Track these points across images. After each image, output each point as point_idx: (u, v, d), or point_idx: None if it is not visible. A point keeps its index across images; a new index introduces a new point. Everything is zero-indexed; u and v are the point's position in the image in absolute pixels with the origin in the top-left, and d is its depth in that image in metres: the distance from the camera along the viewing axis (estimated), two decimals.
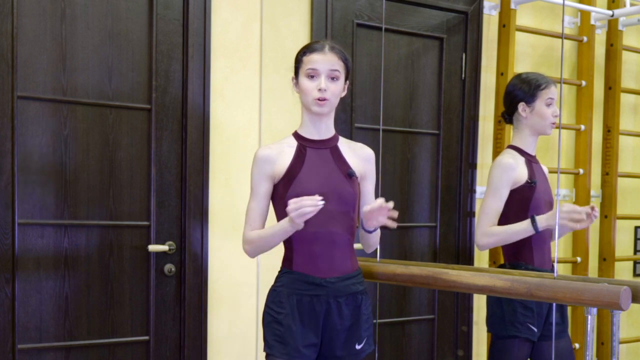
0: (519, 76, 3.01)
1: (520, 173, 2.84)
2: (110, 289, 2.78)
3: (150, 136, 2.83)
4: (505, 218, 2.84)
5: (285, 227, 2.19)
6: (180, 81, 2.88)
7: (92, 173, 2.73)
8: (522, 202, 2.82)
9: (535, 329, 2.78)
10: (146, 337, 2.85)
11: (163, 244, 2.86)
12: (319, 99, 2.26)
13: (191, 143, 2.88)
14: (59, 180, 2.67)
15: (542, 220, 2.72)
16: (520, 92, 2.91)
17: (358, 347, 2.33)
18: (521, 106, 2.90)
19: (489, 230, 2.82)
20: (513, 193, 2.83)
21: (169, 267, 2.87)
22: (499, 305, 2.83)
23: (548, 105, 2.88)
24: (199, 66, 2.88)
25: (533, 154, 2.94)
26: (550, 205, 2.91)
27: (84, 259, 2.73)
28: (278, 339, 2.25)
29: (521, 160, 2.88)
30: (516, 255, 2.86)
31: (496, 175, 2.84)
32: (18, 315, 2.60)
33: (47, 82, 2.64)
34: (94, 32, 2.72)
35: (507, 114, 2.99)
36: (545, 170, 3.01)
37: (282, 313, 2.26)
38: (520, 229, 2.76)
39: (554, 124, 2.90)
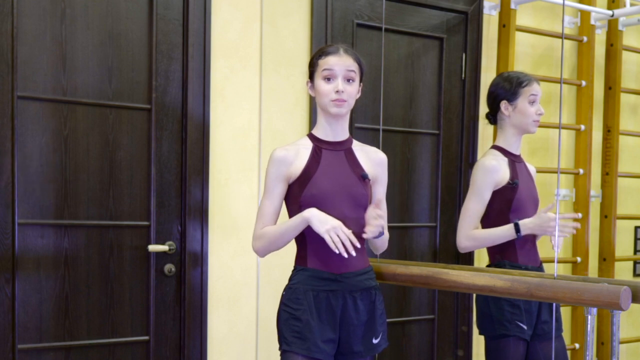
0: (500, 75, 3.03)
1: (503, 174, 2.85)
2: (110, 289, 2.78)
3: (150, 136, 2.83)
4: (488, 219, 2.87)
5: (297, 223, 2.25)
6: (180, 81, 2.88)
7: (92, 173, 2.73)
8: (504, 203, 2.84)
9: (525, 327, 2.79)
10: (146, 337, 2.85)
11: (163, 244, 2.86)
12: (335, 100, 2.29)
13: (191, 143, 2.88)
14: (59, 180, 2.67)
15: (524, 226, 2.75)
16: (502, 91, 2.92)
17: (375, 341, 2.36)
18: (503, 104, 2.91)
19: (471, 234, 2.85)
20: (495, 194, 2.85)
21: (169, 267, 2.87)
22: (486, 306, 2.84)
23: (531, 102, 2.89)
24: (199, 66, 2.88)
25: (517, 153, 2.94)
26: (535, 205, 2.93)
27: (84, 259, 2.73)
28: (297, 335, 2.26)
29: (504, 161, 2.89)
30: (501, 254, 2.88)
31: (479, 178, 2.86)
32: (18, 315, 2.60)
33: (47, 82, 2.64)
34: (94, 32, 2.72)
35: (490, 114, 3.00)
36: (532, 169, 3.01)
37: (300, 309, 2.28)
38: (502, 234, 2.81)
39: (536, 121, 2.91)
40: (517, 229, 2.77)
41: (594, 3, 3.85)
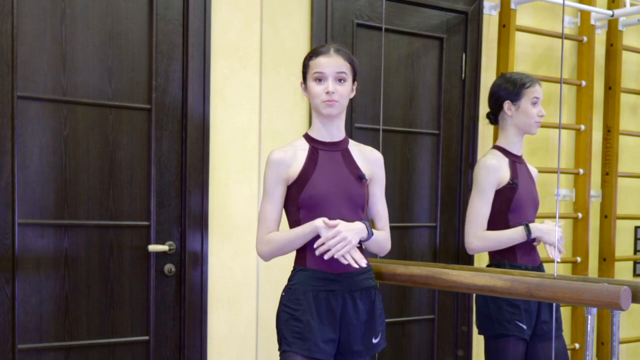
0: (503, 75, 3.04)
1: (503, 174, 2.87)
2: (110, 289, 2.78)
3: (150, 136, 2.83)
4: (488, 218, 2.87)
5: (307, 232, 2.26)
6: (180, 81, 2.88)
7: (92, 173, 2.73)
8: (504, 203, 2.85)
9: (525, 327, 2.79)
10: (146, 337, 2.85)
11: (163, 244, 2.86)
12: (327, 101, 2.29)
13: (191, 143, 2.88)
14: (59, 180, 2.67)
15: (535, 229, 2.76)
16: (505, 91, 2.94)
17: (375, 340, 2.37)
18: (507, 104, 2.92)
19: (482, 235, 2.85)
20: (496, 194, 2.87)
21: (169, 267, 2.87)
22: (485, 305, 2.84)
23: (534, 104, 2.90)
24: (199, 66, 2.88)
25: (519, 154, 2.95)
26: (535, 206, 2.94)
27: (84, 259, 2.73)
28: (297, 335, 2.27)
29: (505, 161, 2.90)
30: (501, 254, 2.89)
31: (482, 177, 2.87)
32: (18, 315, 2.60)
33: (47, 82, 2.64)
34: (94, 32, 2.72)
35: (492, 114, 3.01)
36: (533, 170, 3.02)
37: (300, 310, 2.28)
38: (513, 236, 2.81)
39: (538, 123, 2.93)
40: (527, 232, 2.78)
41: (594, 3, 3.85)
